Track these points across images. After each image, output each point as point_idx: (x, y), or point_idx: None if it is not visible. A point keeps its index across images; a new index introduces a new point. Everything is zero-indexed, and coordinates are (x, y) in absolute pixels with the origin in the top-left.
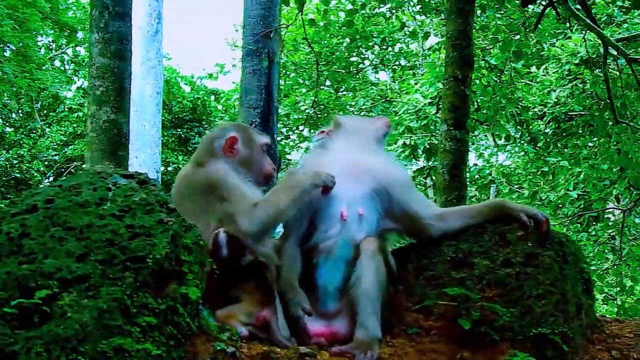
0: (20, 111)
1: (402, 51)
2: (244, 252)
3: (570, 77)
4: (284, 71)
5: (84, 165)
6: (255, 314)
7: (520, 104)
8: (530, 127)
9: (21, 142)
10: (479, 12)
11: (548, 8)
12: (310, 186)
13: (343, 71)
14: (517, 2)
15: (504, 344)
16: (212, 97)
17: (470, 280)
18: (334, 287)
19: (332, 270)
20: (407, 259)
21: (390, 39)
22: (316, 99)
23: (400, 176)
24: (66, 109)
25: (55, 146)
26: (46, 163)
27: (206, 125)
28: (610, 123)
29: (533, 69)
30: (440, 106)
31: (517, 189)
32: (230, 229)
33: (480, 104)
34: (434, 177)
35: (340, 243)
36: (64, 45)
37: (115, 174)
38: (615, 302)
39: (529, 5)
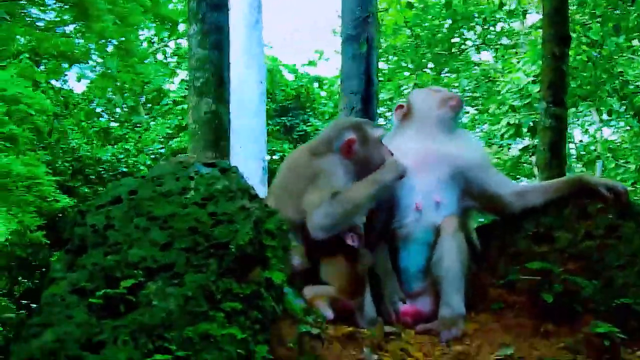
0: (124, 106)
1: (504, 30)
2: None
3: None
4: (385, 55)
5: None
6: (342, 301)
7: (621, 77)
8: (634, 101)
9: (126, 136)
10: None
11: None
12: (391, 180)
13: (445, 53)
14: None
15: (586, 315)
16: (315, 84)
17: (552, 254)
18: (417, 269)
19: (413, 253)
20: (490, 235)
21: (492, 19)
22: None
23: (475, 157)
24: (170, 102)
25: (161, 139)
26: (152, 156)
27: (310, 113)
28: None
29: (635, 42)
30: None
31: (624, 164)
32: (305, 218)
33: (581, 80)
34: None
35: (419, 229)
36: (165, 38)
37: (197, 163)
38: None
39: None
